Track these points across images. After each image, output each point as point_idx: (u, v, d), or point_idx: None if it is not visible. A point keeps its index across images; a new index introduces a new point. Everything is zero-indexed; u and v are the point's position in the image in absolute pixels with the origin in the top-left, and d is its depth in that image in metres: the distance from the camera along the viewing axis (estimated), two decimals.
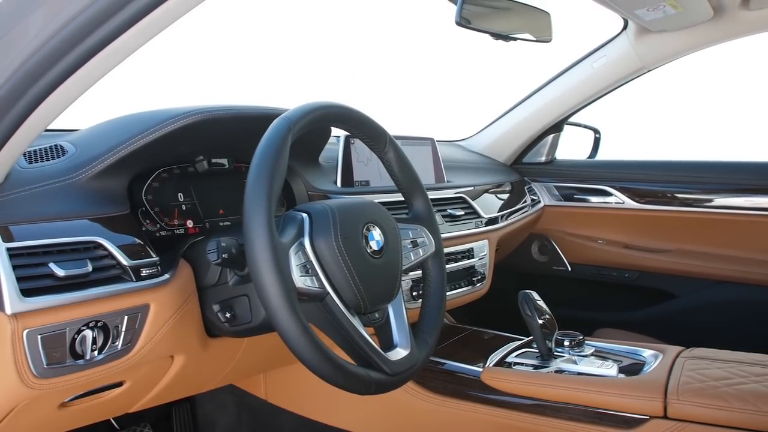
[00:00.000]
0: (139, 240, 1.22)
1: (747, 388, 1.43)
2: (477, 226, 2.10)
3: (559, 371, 1.65)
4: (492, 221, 2.21)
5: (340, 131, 1.46)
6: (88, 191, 1.20)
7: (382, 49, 4.66)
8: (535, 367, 1.69)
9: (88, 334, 1.11)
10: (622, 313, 2.57)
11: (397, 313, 1.28)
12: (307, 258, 1.10)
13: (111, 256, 1.15)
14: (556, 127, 2.66)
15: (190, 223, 1.44)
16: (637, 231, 2.52)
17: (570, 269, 2.68)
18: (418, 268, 1.41)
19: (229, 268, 1.25)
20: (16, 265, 1.02)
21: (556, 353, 1.70)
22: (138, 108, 1.37)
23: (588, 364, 1.64)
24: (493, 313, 2.40)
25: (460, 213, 2.05)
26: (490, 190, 2.42)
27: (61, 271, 1.06)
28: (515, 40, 1.88)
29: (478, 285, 2.06)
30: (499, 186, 2.50)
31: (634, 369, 1.62)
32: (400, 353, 1.22)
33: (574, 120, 2.68)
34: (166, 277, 1.23)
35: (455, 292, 1.98)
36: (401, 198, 1.44)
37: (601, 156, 2.76)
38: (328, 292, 1.12)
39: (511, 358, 1.76)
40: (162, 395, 1.43)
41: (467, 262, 2.03)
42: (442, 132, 2.75)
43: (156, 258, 1.22)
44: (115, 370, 1.18)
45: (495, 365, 1.73)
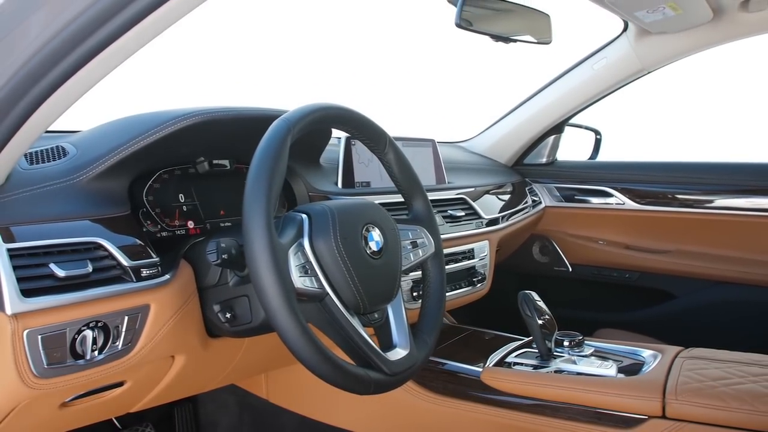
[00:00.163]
0: (140, 241, 1.22)
1: (745, 388, 1.43)
2: (477, 227, 2.10)
3: (559, 371, 1.65)
4: (492, 222, 2.21)
5: (342, 132, 1.46)
6: (89, 192, 1.20)
7: (385, 50, 4.66)
8: (535, 367, 1.69)
9: (89, 334, 1.11)
10: (622, 314, 2.57)
11: (396, 314, 1.28)
12: (306, 258, 1.10)
13: (111, 256, 1.15)
14: (557, 129, 2.66)
15: (191, 223, 1.44)
16: (637, 232, 2.53)
17: (571, 270, 2.69)
18: (418, 269, 1.41)
19: (229, 269, 1.25)
20: (17, 266, 1.02)
21: (555, 353, 1.70)
22: (140, 109, 1.37)
23: (587, 364, 1.64)
24: (493, 313, 2.40)
25: (461, 214, 2.05)
26: (491, 191, 2.42)
27: (61, 272, 1.06)
28: (515, 41, 1.89)
29: (479, 285, 2.06)
30: (500, 187, 2.50)
31: (633, 369, 1.63)
32: (400, 353, 1.21)
33: (575, 121, 2.68)
34: (166, 277, 1.22)
35: (456, 292, 1.98)
36: (402, 199, 1.44)
37: (601, 157, 2.77)
38: (328, 293, 1.11)
39: (510, 358, 1.76)
40: (163, 395, 1.43)
41: (468, 262, 2.03)
42: (443, 133, 2.75)
43: (156, 258, 1.22)
44: (116, 370, 1.18)
45: (495, 365, 1.73)
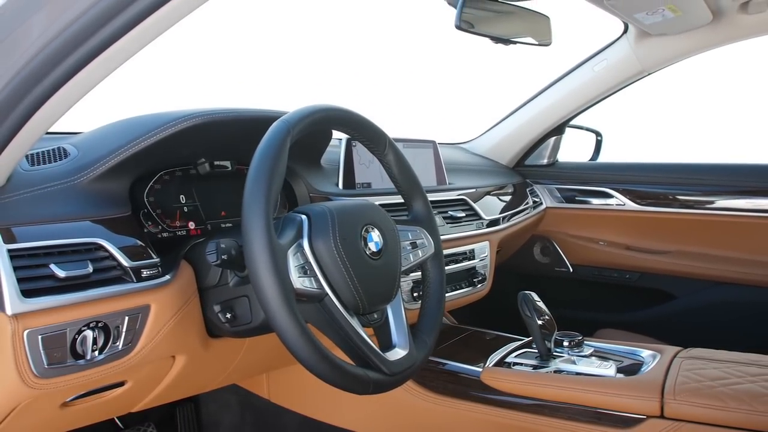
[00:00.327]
0: (141, 241, 1.22)
1: (743, 388, 1.44)
2: (478, 228, 2.11)
3: (558, 371, 1.65)
4: (493, 223, 2.21)
5: (343, 133, 1.47)
6: (90, 193, 1.21)
7: (387, 52, 4.67)
8: (535, 368, 1.69)
9: (89, 334, 1.11)
10: (622, 314, 2.58)
11: (396, 314, 1.28)
12: (305, 259, 1.11)
13: (112, 257, 1.15)
14: (558, 130, 2.67)
15: (191, 224, 1.44)
16: (638, 232, 2.54)
17: (572, 270, 2.69)
18: (418, 270, 1.41)
19: (229, 269, 1.25)
20: (17, 266, 1.02)
21: (555, 353, 1.71)
22: (143, 110, 1.37)
23: (586, 365, 1.65)
24: (494, 313, 2.40)
25: (461, 215, 2.05)
26: (492, 192, 2.43)
27: (61, 272, 1.06)
28: (515, 43, 1.90)
29: (479, 286, 2.06)
30: (501, 188, 2.51)
31: (633, 369, 1.63)
32: (399, 353, 1.22)
33: (575, 123, 2.69)
34: (166, 278, 1.23)
35: (456, 293, 1.98)
36: (402, 200, 1.45)
37: (602, 158, 2.77)
38: (327, 293, 1.12)
39: (510, 359, 1.77)
40: (164, 395, 1.44)
41: (468, 263, 2.03)
42: (445, 135, 2.76)
43: (157, 259, 1.23)
44: (116, 370, 1.19)
45: (495, 365, 1.73)
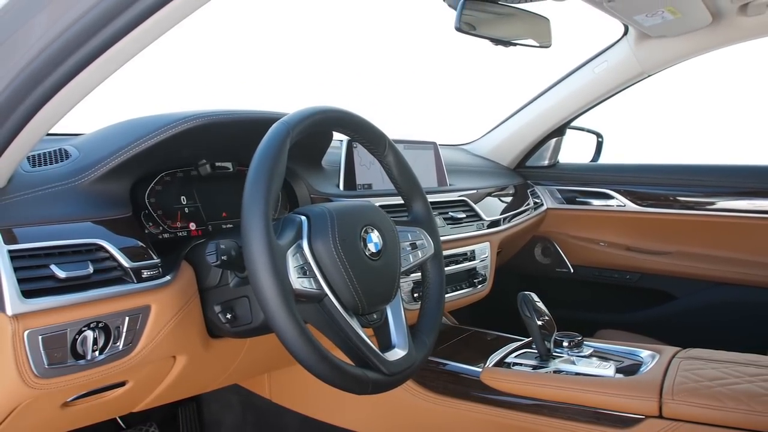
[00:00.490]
0: (141, 242, 1.22)
1: (741, 388, 1.45)
2: (478, 229, 2.11)
3: (558, 371, 1.66)
4: (494, 224, 2.22)
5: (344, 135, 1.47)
6: (91, 194, 1.21)
7: (390, 54, 4.68)
8: (534, 368, 1.70)
9: (89, 334, 1.11)
10: (623, 315, 2.58)
11: (395, 314, 1.29)
12: (305, 260, 1.11)
13: (112, 258, 1.16)
14: (559, 131, 2.68)
15: (192, 225, 1.45)
16: (638, 233, 2.54)
17: (572, 271, 2.70)
18: (418, 270, 1.41)
19: (229, 270, 1.25)
20: (18, 267, 1.03)
21: (555, 354, 1.71)
22: (145, 111, 1.37)
23: (586, 365, 1.65)
24: (495, 314, 2.41)
25: (462, 216, 2.06)
26: (493, 194, 2.43)
27: (62, 273, 1.07)
28: (515, 45, 1.90)
29: (479, 287, 2.07)
30: (502, 189, 2.52)
31: (632, 369, 1.64)
32: (398, 354, 1.22)
33: (576, 124, 2.69)
34: (167, 278, 1.23)
35: (456, 293, 1.99)
36: (403, 201, 1.45)
37: (603, 159, 2.78)
38: (326, 294, 1.12)
39: (510, 359, 1.78)
40: (166, 395, 1.44)
41: (468, 264, 2.04)
42: (446, 136, 2.77)
43: (157, 260, 1.23)
44: (117, 370, 1.19)
45: (494, 365, 1.74)
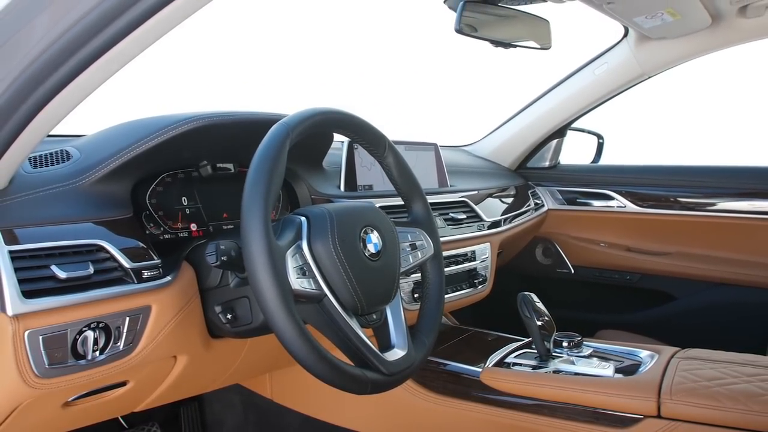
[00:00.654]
0: (142, 243, 1.23)
1: (738, 388, 1.45)
2: (479, 230, 2.12)
3: (557, 371, 1.67)
4: (494, 225, 2.22)
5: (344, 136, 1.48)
6: (91, 195, 1.21)
7: (392, 56, 4.69)
8: (534, 368, 1.71)
9: (90, 334, 1.12)
10: (623, 315, 2.59)
11: (394, 315, 1.29)
12: (304, 260, 1.12)
13: (113, 258, 1.16)
14: (560, 133, 2.68)
15: (193, 226, 1.45)
16: (638, 234, 2.55)
17: (573, 272, 2.70)
18: (418, 271, 1.42)
19: (229, 270, 1.26)
20: (18, 267, 1.03)
21: (554, 354, 1.72)
22: (148, 111, 1.38)
23: (585, 365, 1.66)
24: (496, 314, 2.41)
25: (462, 217, 2.06)
26: (494, 195, 2.44)
27: (62, 274, 1.07)
28: (515, 47, 1.91)
29: (480, 287, 2.07)
30: (503, 190, 2.52)
31: (630, 369, 1.64)
32: (398, 354, 1.23)
33: (577, 125, 2.70)
34: (167, 279, 1.24)
35: (457, 293, 1.99)
36: (403, 202, 1.46)
37: (604, 160, 2.79)
38: (326, 294, 1.12)
39: (510, 359, 1.78)
40: (167, 395, 1.45)
41: (469, 264, 2.04)
42: (448, 137, 2.78)
43: (158, 260, 1.23)
44: (118, 370, 1.19)
45: (494, 366, 1.75)
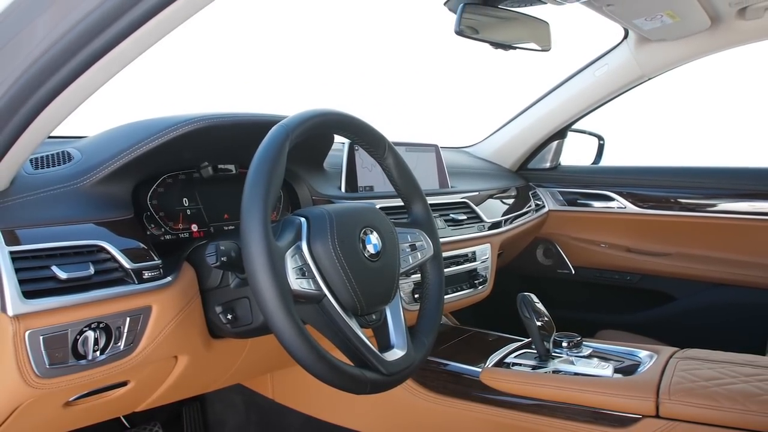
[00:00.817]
0: (143, 244, 1.23)
1: (736, 388, 1.46)
2: (479, 230, 2.13)
3: (557, 371, 1.67)
4: (495, 225, 2.23)
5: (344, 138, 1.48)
6: (92, 196, 1.22)
7: (393, 57, 4.69)
8: (534, 368, 1.71)
9: (90, 335, 1.12)
10: (623, 315, 2.59)
11: (394, 315, 1.30)
12: (304, 261, 1.12)
13: (113, 259, 1.17)
14: (560, 134, 2.69)
15: (194, 227, 1.46)
16: (639, 235, 2.55)
17: (574, 272, 2.71)
18: (418, 271, 1.43)
19: (229, 271, 1.27)
20: (19, 268, 1.03)
21: (554, 354, 1.73)
22: (149, 113, 1.39)
23: (584, 365, 1.67)
24: (497, 315, 2.42)
25: (463, 217, 2.07)
26: (495, 196, 2.45)
27: (63, 274, 1.08)
28: (514, 48, 1.92)
29: (480, 288, 2.08)
30: (504, 191, 2.53)
31: (629, 369, 1.65)
32: (397, 354, 1.23)
33: (578, 127, 2.71)
34: (168, 279, 1.24)
35: (457, 294, 2.00)
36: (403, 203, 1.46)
37: (605, 162, 2.80)
38: (325, 294, 1.13)
39: (510, 359, 1.79)
40: (168, 395, 1.45)
41: (469, 265, 2.05)
42: (449, 139, 2.78)
43: (158, 261, 1.24)
44: (118, 370, 1.20)
45: (494, 366, 1.75)
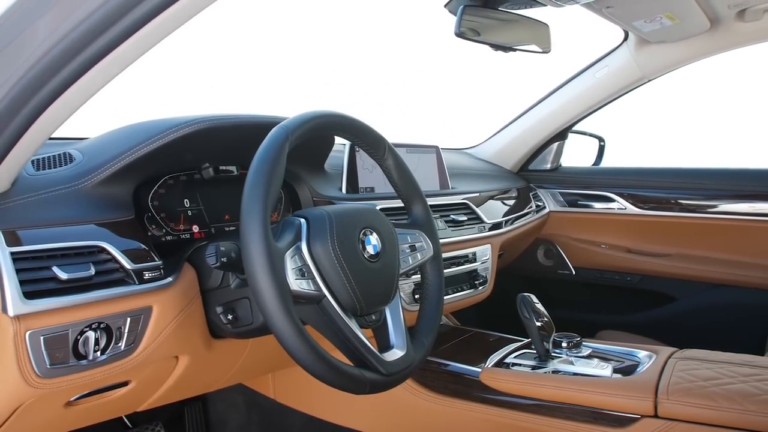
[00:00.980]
0: (144, 244, 1.24)
1: (734, 388, 1.46)
2: (480, 231, 2.13)
3: (556, 372, 1.68)
4: (495, 226, 2.24)
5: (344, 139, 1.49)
6: (93, 197, 1.23)
7: (394, 58, 4.70)
8: (533, 368, 1.72)
9: (91, 335, 1.13)
10: (623, 316, 2.60)
11: (394, 315, 1.30)
12: (303, 262, 1.13)
13: (114, 260, 1.17)
14: (561, 135, 2.70)
15: (195, 228, 1.46)
16: (639, 236, 2.56)
17: (574, 273, 2.72)
18: (418, 272, 1.43)
19: (230, 272, 1.28)
20: (20, 269, 1.04)
21: (553, 354, 1.73)
22: (151, 114, 1.40)
23: (584, 365, 1.67)
24: (498, 315, 2.42)
25: (463, 218, 2.07)
26: (495, 197, 2.46)
27: (64, 275, 1.08)
28: (514, 51, 1.93)
29: (480, 288, 2.08)
30: (505, 192, 2.54)
31: (629, 369, 1.65)
32: (396, 354, 1.24)
33: (578, 128, 2.72)
34: (169, 280, 1.25)
35: (457, 294, 2.00)
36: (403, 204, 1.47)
37: (605, 163, 2.80)
38: (325, 295, 1.14)
39: (510, 359, 1.80)
40: (169, 395, 1.46)
41: (469, 266, 2.05)
42: (450, 140, 2.79)
43: (159, 262, 1.24)
44: (119, 370, 1.20)
45: (494, 366, 1.76)
